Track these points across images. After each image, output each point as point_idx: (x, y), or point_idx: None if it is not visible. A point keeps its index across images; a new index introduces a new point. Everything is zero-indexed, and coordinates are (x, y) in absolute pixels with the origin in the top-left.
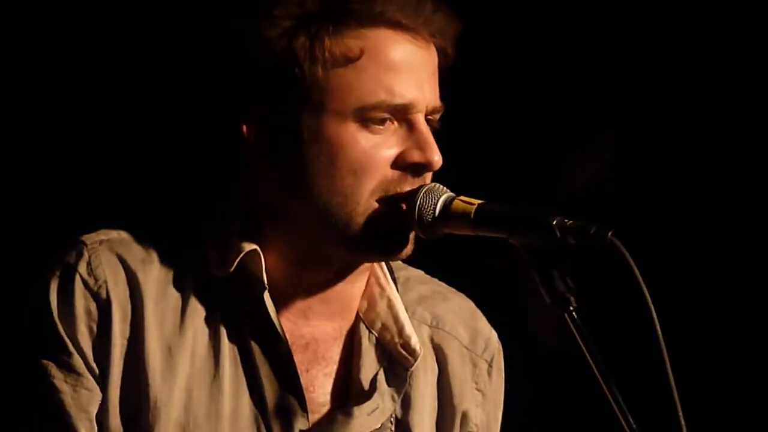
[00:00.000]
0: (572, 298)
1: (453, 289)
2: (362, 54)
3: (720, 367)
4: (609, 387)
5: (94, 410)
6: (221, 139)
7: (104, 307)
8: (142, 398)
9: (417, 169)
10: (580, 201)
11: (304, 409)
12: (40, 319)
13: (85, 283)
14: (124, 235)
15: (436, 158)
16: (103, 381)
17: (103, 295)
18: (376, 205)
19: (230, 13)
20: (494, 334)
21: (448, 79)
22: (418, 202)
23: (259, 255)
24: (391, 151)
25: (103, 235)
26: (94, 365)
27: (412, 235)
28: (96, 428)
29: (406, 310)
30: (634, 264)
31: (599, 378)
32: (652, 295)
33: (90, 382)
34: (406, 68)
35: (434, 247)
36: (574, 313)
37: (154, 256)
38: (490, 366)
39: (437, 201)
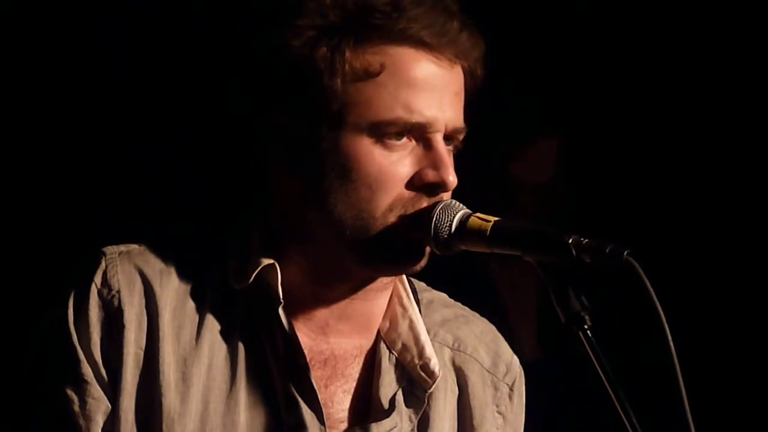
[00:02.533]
0: (587, 317)
1: (476, 313)
2: (383, 69)
3: (736, 386)
4: (623, 406)
5: (102, 419)
6: (244, 150)
7: (116, 317)
8: (155, 408)
9: (431, 188)
10: (531, 199)
11: (323, 423)
12: (55, 328)
13: (99, 292)
14: (145, 246)
15: (451, 179)
16: (114, 390)
17: (116, 304)
18: (392, 221)
19: (255, 22)
20: (516, 359)
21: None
22: (435, 218)
23: (276, 269)
24: (406, 169)
25: (124, 246)
26: (105, 375)
27: (427, 249)
28: None
29: (428, 332)
30: (649, 283)
31: (613, 397)
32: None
33: (98, 391)
34: (427, 87)
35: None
36: (588, 331)
37: (174, 267)
38: (511, 390)
39: (453, 217)
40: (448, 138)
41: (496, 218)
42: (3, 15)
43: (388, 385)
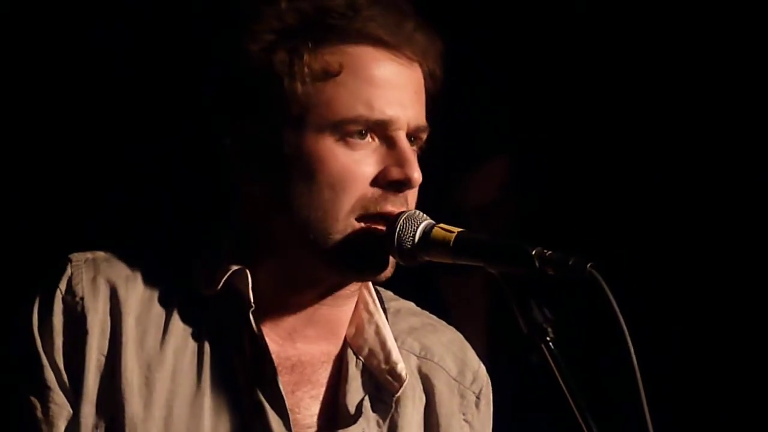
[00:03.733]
0: (549, 329)
1: (443, 322)
2: (342, 69)
3: (695, 397)
4: (584, 418)
5: (63, 425)
6: (210, 156)
7: (79, 323)
8: (118, 414)
9: (396, 186)
10: (477, 220)
11: (289, 429)
12: (20, 335)
13: (63, 299)
14: (112, 253)
15: (416, 175)
16: (75, 396)
17: (79, 310)
18: (356, 223)
19: (214, 28)
20: (482, 368)
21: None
22: (398, 229)
23: (246, 274)
24: (370, 168)
25: (90, 254)
26: (67, 381)
27: (393, 260)
28: None
29: (396, 340)
30: (611, 296)
31: (575, 409)
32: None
33: (60, 397)
34: (387, 85)
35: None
36: (551, 343)
37: (140, 274)
38: (477, 398)
39: (417, 228)
40: (411, 137)
41: (460, 229)
42: (3, 15)
43: (355, 391)
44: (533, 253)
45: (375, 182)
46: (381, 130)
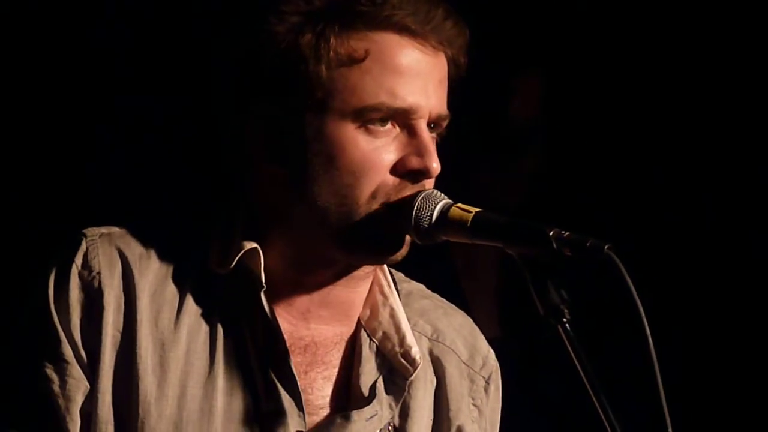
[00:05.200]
0: (566, 310)
1: (453, 306)
2: (367, 55)
3: (711, 381)
4: (599, 400)
5: (81, 400)
6: (227, 136)
7: (96, 298)
8: (132, 392)
9: (414, 175)
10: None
11: (301, 409)
12: (36, 309)
13: (80, 274)
14: (126, 229)
15: (434, 165)
16: (92, 371)
17: (96, 285)
18: (377, 210)
19: (238, 8)
20: (492, 353)
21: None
22: (416, 208)
23: (259, 253)
24: (390, 156)
25: (105, 229)
26: (84, 355)
27: (407, 239)
28: (79, 418)
29: (408, 321)
30: (629, 277)
31: (590, 390)
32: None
33: (78, 371)
34: (411, 73)
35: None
36: (567, 325)
37: (154, 251)
38: (487, 383)
39: (434, 207)
40: (431, 125)
41: (478, 209)
42: (3, 15)
43: (369, 373)
44: (551, 234)
45: (394, 170)
46: (402, 118)
